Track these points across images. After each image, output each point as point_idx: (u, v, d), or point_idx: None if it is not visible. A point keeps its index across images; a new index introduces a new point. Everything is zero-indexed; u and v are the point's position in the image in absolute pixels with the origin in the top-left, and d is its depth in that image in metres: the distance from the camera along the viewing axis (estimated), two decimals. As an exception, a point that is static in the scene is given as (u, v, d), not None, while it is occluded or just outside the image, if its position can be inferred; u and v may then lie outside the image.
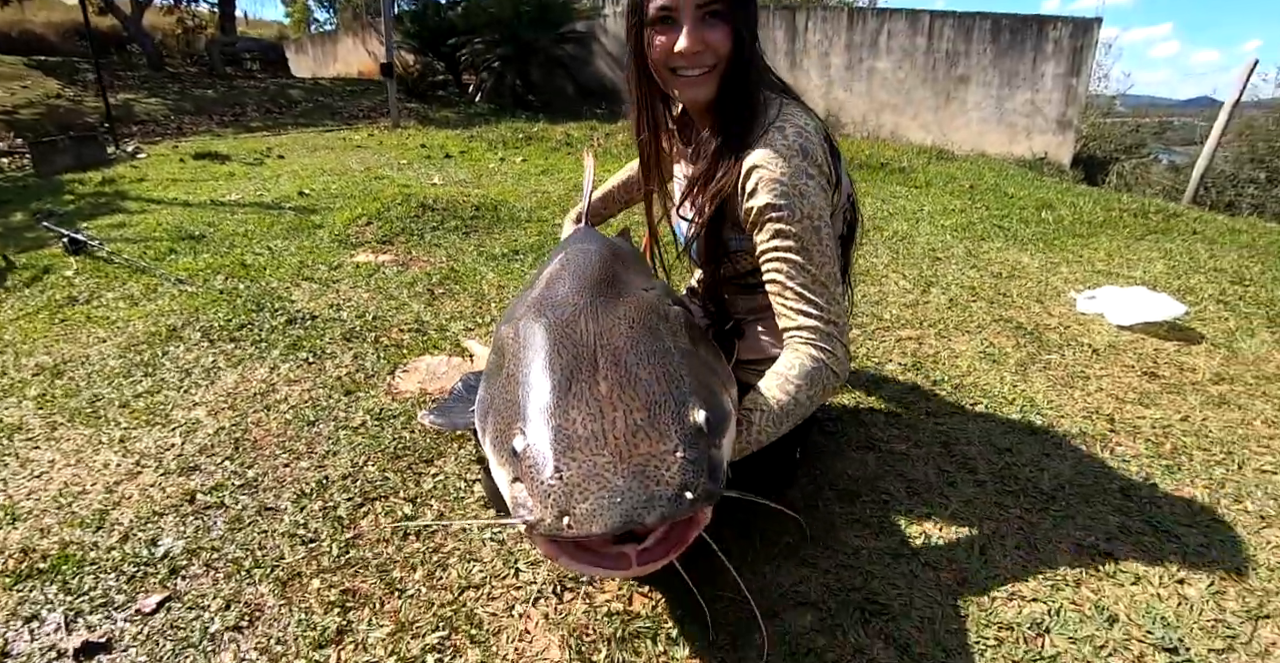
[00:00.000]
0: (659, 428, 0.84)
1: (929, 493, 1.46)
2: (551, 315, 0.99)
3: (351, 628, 1.08)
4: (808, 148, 1.10)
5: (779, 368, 1.11)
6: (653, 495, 0.78)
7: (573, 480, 0.79)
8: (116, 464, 1.56)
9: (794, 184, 1.08)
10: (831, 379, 1.11)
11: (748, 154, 1.12)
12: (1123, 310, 2.31)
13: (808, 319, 1.10)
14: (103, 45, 11.62)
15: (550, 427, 0.84)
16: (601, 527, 0.76)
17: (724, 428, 0.93)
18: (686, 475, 0.81)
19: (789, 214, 1.08)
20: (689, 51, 1.07)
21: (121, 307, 2.57)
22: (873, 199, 4.78)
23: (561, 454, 0.81)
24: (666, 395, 0.88)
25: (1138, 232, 3.89)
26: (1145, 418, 1.76)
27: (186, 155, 5.97)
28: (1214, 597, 1.17)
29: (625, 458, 0.81)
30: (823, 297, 1.10)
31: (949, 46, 8.24)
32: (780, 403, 1.07)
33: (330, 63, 14.78)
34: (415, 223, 3.72)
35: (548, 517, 0.78)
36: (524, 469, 0.83)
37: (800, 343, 1.11)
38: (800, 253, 1.09)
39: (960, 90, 8.36)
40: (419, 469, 1.54)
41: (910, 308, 2.56)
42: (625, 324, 0.98)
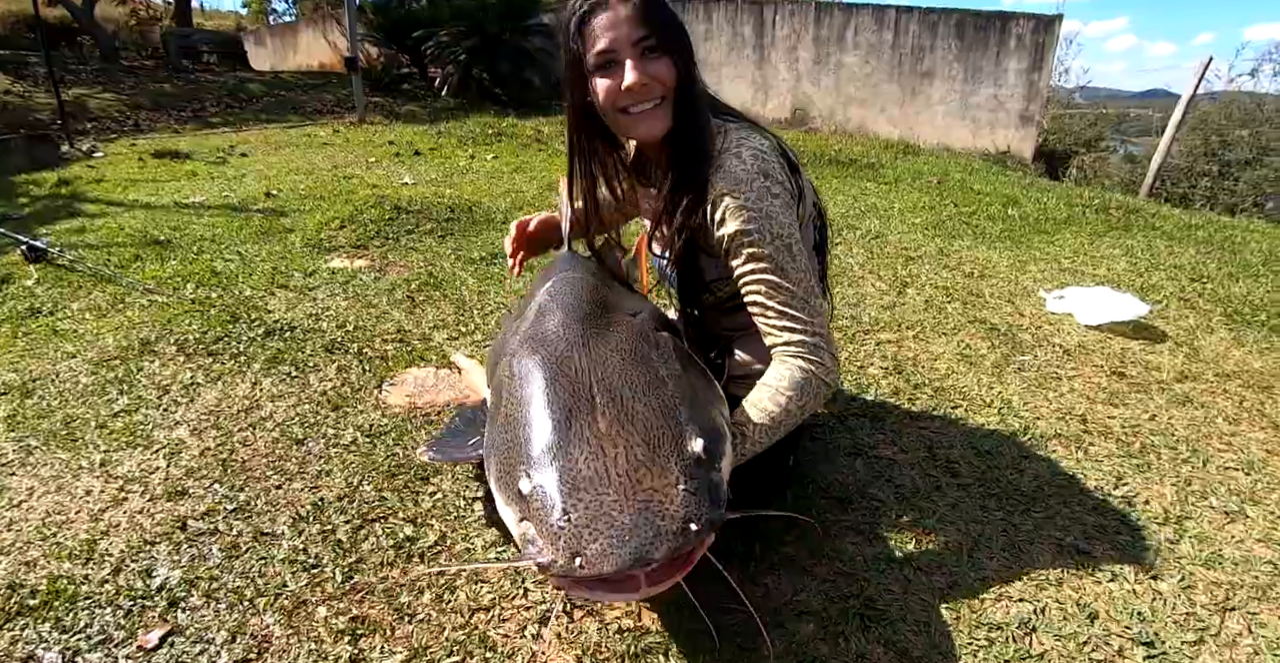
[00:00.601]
0: (659, 462, 0.88)
1: (917, 498, 1.51)
2: (544, 351, 1.03)
3: (364, 657, 1.09)
4: (767, 169, 1.14)
5: (768, 380, 1.15)
6: (659, 531, 0.82)
7: (581, 522, 0.82)
8: (100, 491, 1.51)
9: (759, 207, 1.11)
10: (821, 388, 1.16)
11: (710, 184, 1.14)
12: (1090, 310, 2.40)
13: (792, 335, 1.14)
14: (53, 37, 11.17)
15: (554, 468, 0.87)
16: (614, 565, 0.80)
17: (721, 451, 0.97)
18: (690, 508, 0.85)
19: (759, 237, 1.11)
20: (637, 85, 1.08)
21: (89, 318, 2.49)
22: (844, 197, 4.85)
23: (568, 496, 0.84)
24: (664, 428, 0.92)
25: (1100, 228, 4.02)
26: (1115, 417, 1.84)
27: (145, 154, 5.79)
28: (1185, 591, 1.24)
29: (630, 495, 0.84)
30: (804, 311, 1.14)
31: (914, 42, 8.36)
32: (772, 414, 1.11)
33: (290, 55, 14.41)
34: (389, 226, 3.68)
35: (560, 559, 0.81)
36: (532, 511, 0.86)
37: (788, 356, 1.15)
38: (776, 272, 1.12)
39: (925, 85, 8.49)
40: (416, 488, 1.54)
41: (888, 310, 2.62)
42: (618, 356, 1.02)
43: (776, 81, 9.31)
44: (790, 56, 9.18)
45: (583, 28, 1.09)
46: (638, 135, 1.18)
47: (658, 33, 1.07)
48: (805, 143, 7.15)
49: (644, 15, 1.06)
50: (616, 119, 1.15)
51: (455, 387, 2.00)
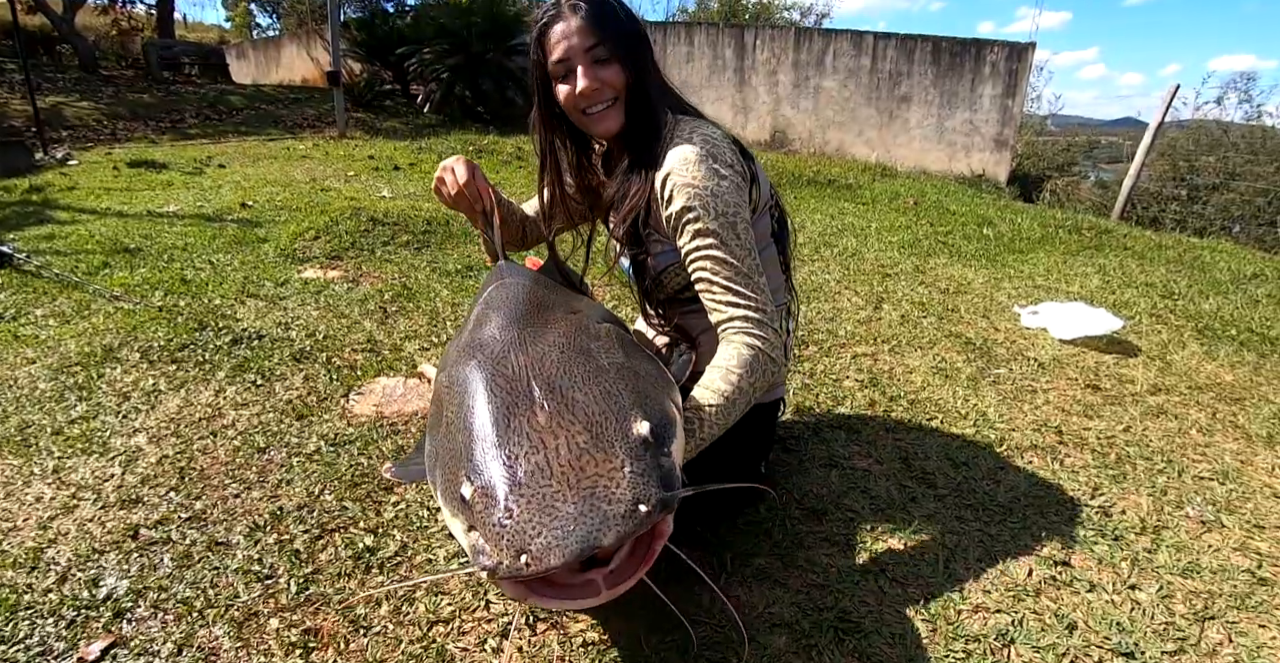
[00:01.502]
0: (603, 447, 0.83)
1: (892, 509, 1.49)
2: (481, 355, 0.98)
3: (314, 669, 1.03)
4: (715, 152, 1.18)
5: (718, 362, 1.14)
6: (606, 516, 0.77)
7: (523, 517, 0.77)
8: (50, 497, 1.45)
9: (705, 185, 1.14)
10: (769, 364, 1.15)
11: (660, 167, 1.19)
12: (1064, 325, 2.42)
13: (737, 309, 1.15)
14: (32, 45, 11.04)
15: (493, 468, 0.82)
16: (560, 558, 0.74)
17: (670, 434, 0.93)
18: (638, 489, 0.80)
19: (704, 213, 1.14)
20: (588, 91, 1.17)
21: (52, 324, 2.41)
22: (822, 216, 4.90)
23: (508, 493, 0.79)
24: (606, 414, 0.87)
25: (1073, 248, 4.08)
26: (1090, 429, 1.84)
27: (121, 163, 5.71)
28: (1163, 601, 1.22)
29: (573, 484, 0.79)
30: (748, 287, 1.15)
31: (892, 67, 8.54)
32: (725, 394, 1.10)
33: (273, 69, 14.38)
34: (365, 238, 3.64)
35: (505, 559, 0.76)
36: (476, 516, 0.81)
37: (734, 333, 1.16)
38: (720, 248, 1.14)
39: (903, 109, 8.66)
40: (379, 497, 1.49)
41: (864, 324, 2.62)
42: (556, 351, 0.98)
43: (756, 104, 9.44)
44: (770, 80, 9.32)
45: (542, 38, 1.19)
46: (597, 133, 1.26)
47: (606, 41, 1.16)
48: (784, 164, 7.24)
49: (592, 25, 1.15)
50: (578, 119, 1.25)
51: (424, 397, 1.96)
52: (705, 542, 1.36)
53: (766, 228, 1.35)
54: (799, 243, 4.00)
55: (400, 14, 10.91)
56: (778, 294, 1.38)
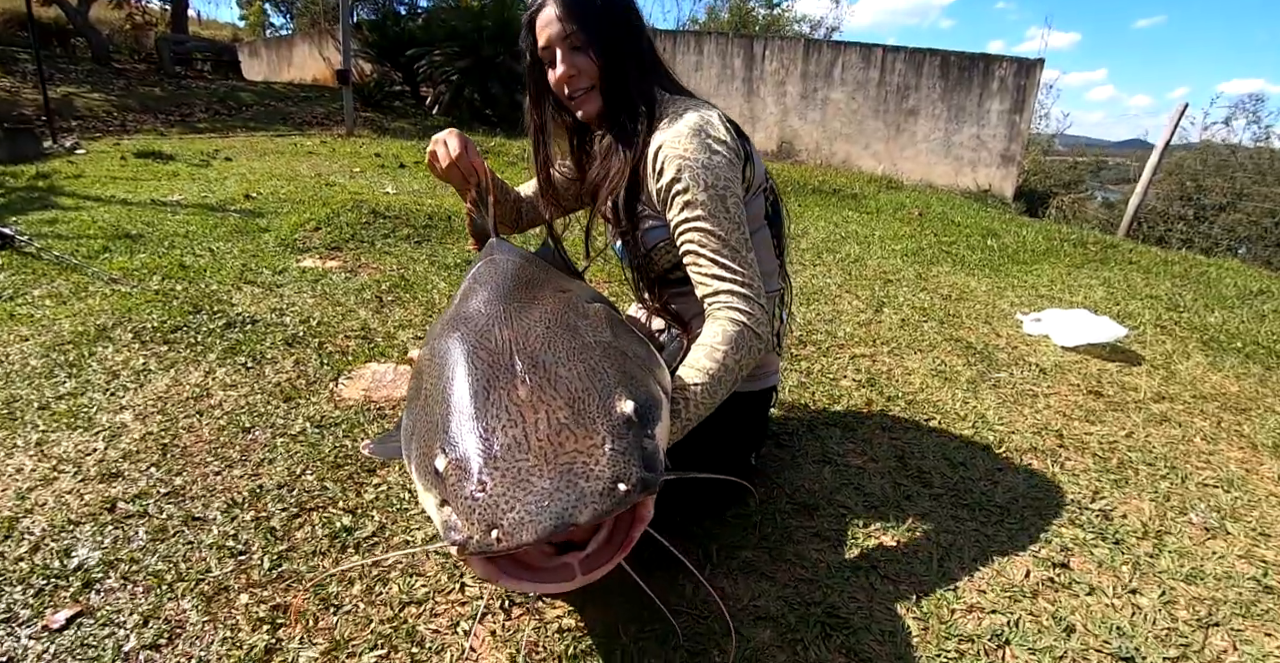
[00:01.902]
0: (584, 423, 0.80)
1: (886, 507, 1.46)
2: (464, 329, 0.95)
3: (281, 647, 1.00)
4: (708, 127, 1.18)
5: (703, 339, 1.12)
6: (583, 493, 0.74)
7: (497, 491, 0.74)
8: (31, 469, 1.43)
9: (696, 158, 1.14)
10: (755, 341, 1.13)
11: (650, 142, 1.20)
12: (1067, 332, 2.38)
13: (723, 283, 1.14)
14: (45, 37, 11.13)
15: (469, 440, 0.79)
16: (533, 534, 0.71)
17: (655, 416, 0.89)
18: (618, 467, 0.76)
19: (694, 184, 1.14)
20: (564, 77, 1.22)
21: (48, 304, 2.40)
22: (825, 223, 4.88)
23: (483, 466, 0.76)
24: (589, 390, 0.84)
25: (1078, 260, 4.05)
26: (1092, 434, 1.80)
27: (128, 153, 5.72)
28: (1165, 606, 1.18)
29: (550, 459, 0.76)
30: (735, 261, 1.14)
31: (900, 80, 8.56)
32: (711, 372, 1.08)
33: (285, 68, 14.47)
34: (366, 230, 3.63)
35: (476, 533, 0.73)
36: (448, 489, 0.77)
37: (719, 309, 1.14)
38: (709, 220, 1.14)
39: (910, 123, 8.67)
40: (361, 479, 1.46)
41: (863, 327, 2.59)
42: (541, 326, 0.95)
43: (764, 115, 9.46)
44: (778, 91, 9.35)
45: (531, 23, 1.23)
46: (582, 116, 1.28)
47: (579, 30, 1.18)
48: (789, 173, 7.23)
49: (567, 14, 1.18)
50: (565, 101, 1.28)
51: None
52: (689, 534, 1.32)
53: (760, 209, 1.32)
54: (801, 249, 3.98)
55: (412, 16, 11.00)
56: (771, 280, 1.35)
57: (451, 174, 1.32)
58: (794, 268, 3.48)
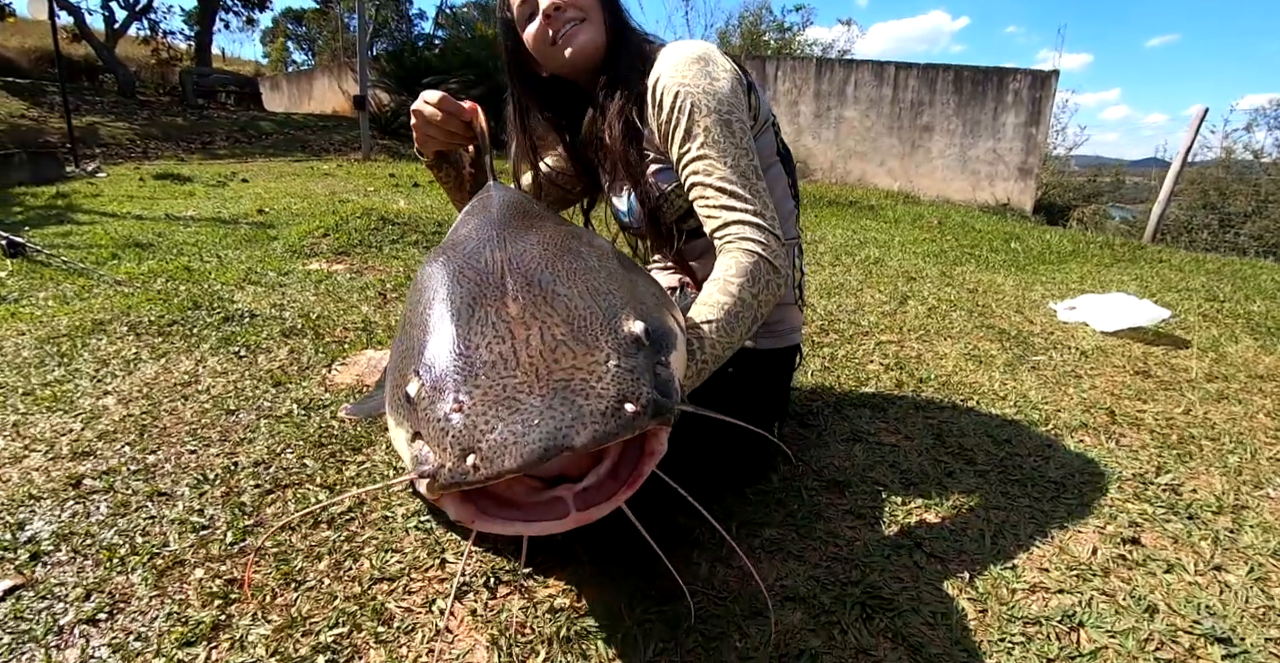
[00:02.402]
0: (584, 340, 0.67)
1: (925, 484, 1.31)
2: (451, 252, 0.83)
3: (231, 623, 0.87)
4: (707, 56, 1.10)
5: (715, 274, 1.00)
6: (581, 412, 0.60)
7: (476, 410, 0.61)
8: (2, 447, 1.35)
9: (697, 83, 1.06)
10: (771, 274, 1.00)
11: (649, 78, 1.11)
12: (1106, 317, 2.24)
13: (732, 213, 1.02)
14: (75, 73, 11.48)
15: (446, 358, 0.66)
16: (517, 459, 0.57)
17: (669, 344, 0.76)
18: (624, 385, 0.63)
19: (696, 110, 1.05)
20: (550, 8, 1.11)
21: (51, 305, 2.35)
22: (843, 230, 4.77)
23: (460, 384, 0.63)
24: (592, 309, 0.71)
25: (1106, 260, 3.90)
26: (1145, 411, 1.65)
27: (147, 175, 5.77)
28: (1257, 583, 1.03)
29: (543, 376, 0.63)
30: (744, 188, 1.03)
31: (913, 97, 8.51)
32: (726, 306, 0.95)
33: (305, 100, 14.79)
34: (374, 236, 3.58)
35: (448, 460, 0.59)
36: (420, 415, 0.64)
37: (729, 242, 1.02)
38: (712, 146, 1.04)
39: (925, 138, 8.60)
40: (344, 457, 1.35)
41: (889, 316, 2.46)
42: (539, 248, 0.82)
43: (778, 133, 9.45)
44: (792, 110, 9.34)
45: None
46: (572, 58, 1.14)
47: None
48: (805, 189, 7.15)
49: None
50: (550, 54, 1.15)
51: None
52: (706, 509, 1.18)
53: (771, 145, 1.22)
54: (819, 252, 3.86)
55: (429, 46, 11.19)
56: (788, 226, 1.23)
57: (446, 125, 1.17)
58: (813, 268, 3.36)
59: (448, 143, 1.20)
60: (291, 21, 23.21)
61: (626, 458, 0.69)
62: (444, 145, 1.20)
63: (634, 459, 0.69)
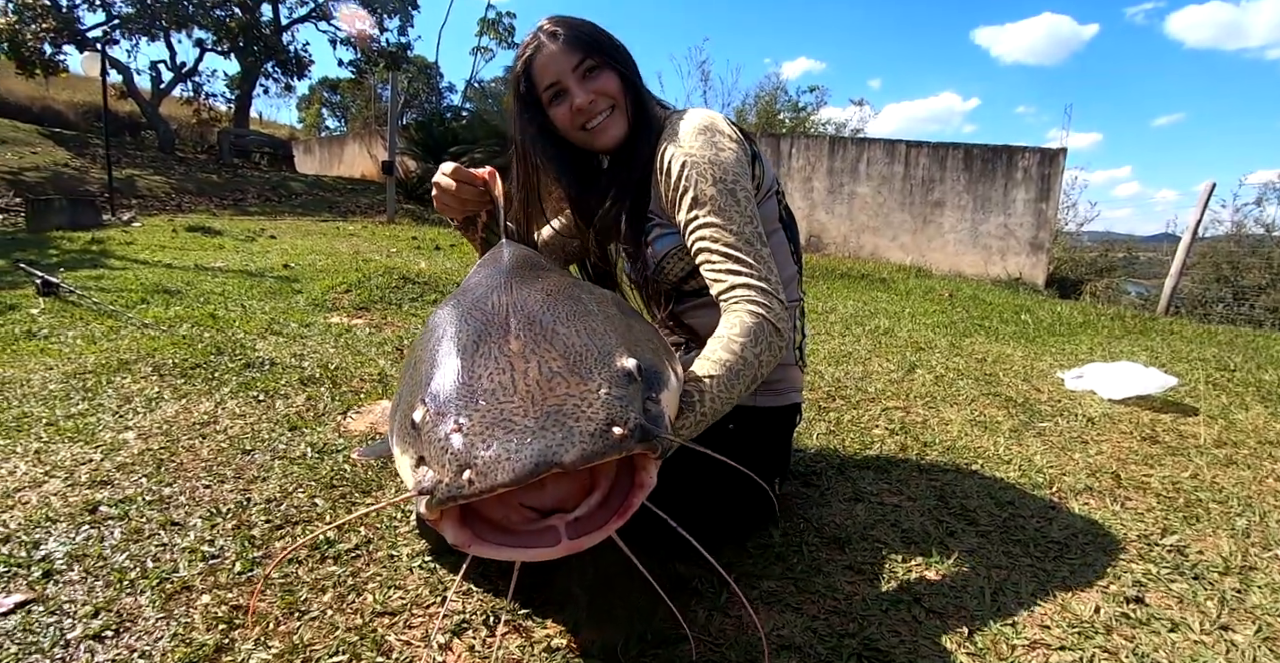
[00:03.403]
0: (579, 372, 0.72)
1: (926, 543, 1.31)
2: (460, 298, 0.90)
3: (233, 647, 0.89)
4: (713, 126, 1.15)
5: (719, 331, 1.04)
6: (571, 432, 0.65)
7: (474, 430, 0.66)
8: (24, 472, 1.40)
9: (703, 154, 1.11)
10: (774, 336, 1.04)
11: (658, 149, 1.17)
12: (1113, 384, 2.25)
13: (737, 278, 1.06)
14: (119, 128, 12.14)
15: (449, 387, 0.72)
16: (510, 473, 0.62)
17: (661, 382, 0.81)
18: (613, 410, 0.68)
19: (701, 180, 1.09)
20: (585, 103, 1.17)
21: (79, 343, 2.45)
22: (853, 302, 4.84)
23: (462, 408, 0.69)
24: (588, 346, 0.77)
25: (1116, 332, 3.92)
26: (1152, 475, 1.64)
27: (180, 227, 6.02)
28: (1265, 643, 1.01)
29: (537, 400, 0.68)
30: (749, 255, 1.07)
31: (925, 174, 8.76)
32: (727, 363, 0.99)
33: (335, 164, 15.43)
34: (394, 294, 3.69)
35: (446, 476, 0.64)
36: (423, 438, 0.69)
37: (734, 303, 1.06)
38: (718, 214, 1.08)
39: (936, 214, 8.79)
40: (354, 499, 1.37)
41: (896, 383, 2.48)
42: (542, 294, 0.88)
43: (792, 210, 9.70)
44: (805, 186, 9.61)
45: (528, 71, 1.20)
46: (601, 144, 1.22)
47: (591, 54, 1.17)
48: (817, 262, 7.30)
49: (574, 44, 1.16)
50: (578, 137, 1.22)
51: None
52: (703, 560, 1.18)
53: (774, 212, 1.28)
54: (829, 322, 3.91)
55: (457, 118, 11.73)
56: (790, 288, 1.28)
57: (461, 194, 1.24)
58: (822, 337, 3.40)
59: (462, 210, 1.28)
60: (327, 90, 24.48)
61: (617, 491, 0.74)
62: (459, 212, 1.29)
63: (624, 492, 0.73)
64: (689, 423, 0.94)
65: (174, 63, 13.32)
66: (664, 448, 0.74)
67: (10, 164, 8.04)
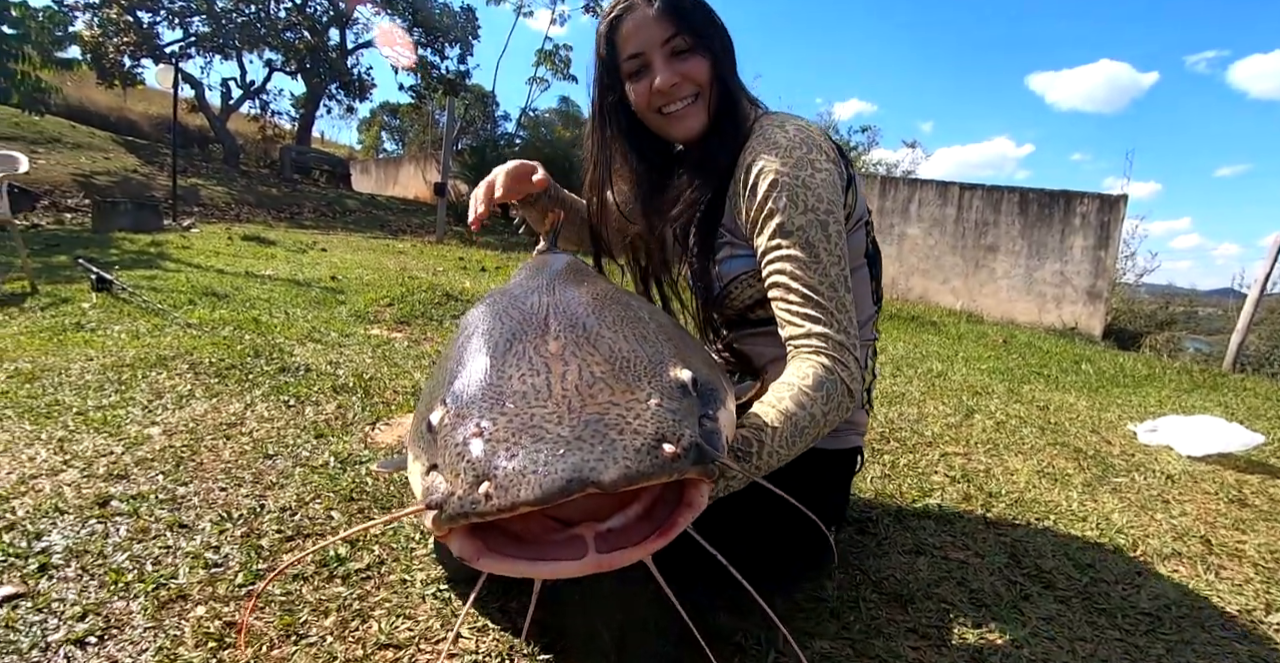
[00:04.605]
0: (625, 380, 0.62)
1: (999, 606, 1.17)
2: (498, 296, 0.81)
3: (220, 668, 0.80)
4: (811, 141, 1.01)
5: (788, 378, 0.91)
6: (613, 446, 0.54)
7: (497, 436, 0.55)
8: (43, 459, 1.38)
9: (797, 175, 0.97)
10: (844, 398, 0.91)
11: (744, 154, 1.04)
12: (1193, 441, 2.06)
13: (815, 325, 0.93)
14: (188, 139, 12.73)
15: (474, 387, 0.62)
16: (535, 490, 0.51)
17: (718, 401, 0.70)
18: (664, 424, 0.57)
19: (791, 206, 0.96)
20: (666, 86, 1.04)
21: (123, 337, 2.47)
22: (904, 344, 4.67)
23: (485, 410, 0.58)
24: (637, 352, 0.67)
25: (1185, 386, 3.68)
26: (1246, 543, 1.47)
27: (236, 236, 6.17)
28: None
29: (575, 409, 0.57)
30: (831, 300, 0.94)
31: (978, 217, 8.56)
32: (792, 416, 0.86)
33: (390, 184, 15.85)
34: (436, 310, 3.67)
35: (459, 488, 0.53)
36: (439, 442, 0.59)
37: (809, 352, 0.93)
38: (804, 249, 0.95)
39: (989, 258, 8.55)
40: (372, 514, 1.29)
41: (953, 428, 2.33)
42: (588, 296, 0.78)
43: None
44: (854, 224, 9.47)
45: (613, 33, 1.07)
46: (676, 134, 1.11)
47: (685, 31, 1.04)
48: (864, 296, 7.12)
49: (670, 15, 1.03)
50: (653, 119, 1.11)
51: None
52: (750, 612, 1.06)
53: (861, 245, 1.14)
54: (879, 362, 3.76)
55: (510, 145, 11.96)
56: (866, 329, 1.16)
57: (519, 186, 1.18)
58: (870, 372, 3.25)
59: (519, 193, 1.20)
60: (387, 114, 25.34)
61: (659, 508, 0.61)
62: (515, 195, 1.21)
63: (669, 507, 0.60)
64: (741, 474, 0.82)
65: (244, 80, 13.98)
66: (719, 474, 0.63)
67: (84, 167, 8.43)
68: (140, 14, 11.99)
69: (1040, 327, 7.75)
